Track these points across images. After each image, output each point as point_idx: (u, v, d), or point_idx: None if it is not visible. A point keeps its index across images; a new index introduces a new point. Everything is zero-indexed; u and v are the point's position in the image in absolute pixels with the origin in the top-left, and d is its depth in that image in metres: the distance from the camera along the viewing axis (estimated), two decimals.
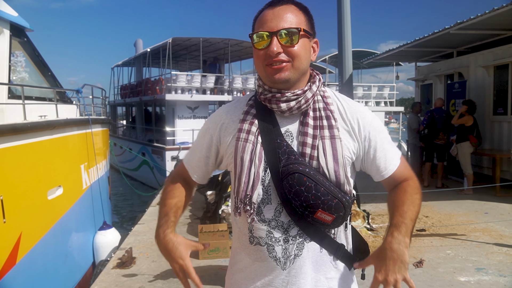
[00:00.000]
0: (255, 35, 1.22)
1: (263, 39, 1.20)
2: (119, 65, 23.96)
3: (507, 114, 8.28)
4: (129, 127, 22.92)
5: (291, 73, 1.21)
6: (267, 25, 1.20)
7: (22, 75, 6.23)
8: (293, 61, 1.20)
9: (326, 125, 1.25)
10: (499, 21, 7.51)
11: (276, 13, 1.20)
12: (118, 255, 4.81)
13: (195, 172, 1.42)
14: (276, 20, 1.19)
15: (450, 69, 10.26)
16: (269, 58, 1.19)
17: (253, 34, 1.22)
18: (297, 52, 1.20)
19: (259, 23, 1.23)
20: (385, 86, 22.10)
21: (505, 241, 5.08)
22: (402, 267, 1.13)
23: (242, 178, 1.23)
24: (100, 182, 7.27)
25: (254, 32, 1.23)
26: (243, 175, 1.23)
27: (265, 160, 1.23)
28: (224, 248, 4.75)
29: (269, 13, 1.21)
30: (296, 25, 1.20)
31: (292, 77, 1.22)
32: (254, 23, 1.27)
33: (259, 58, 1.23)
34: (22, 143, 4.57)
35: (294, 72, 1.22)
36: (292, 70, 1.21)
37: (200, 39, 16.82)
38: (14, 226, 4.37)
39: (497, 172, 7.64)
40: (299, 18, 1.22)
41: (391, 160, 1.32)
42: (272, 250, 1.23)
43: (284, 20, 1.19)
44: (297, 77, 1.24)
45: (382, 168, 1.31)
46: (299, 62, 1.21)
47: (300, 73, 1.24)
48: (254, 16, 1.28)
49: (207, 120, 1.41)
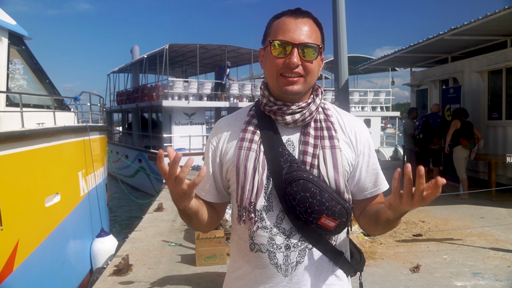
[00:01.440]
0: (276, 42, 1.22)
1: (283, 48, 1.21)
2: (115, 72, 23.97)
3: (502, 119, 8.35)
4: (125, 134, 22.90)
5: (302, 87, 1.23)
6: (289, 35, 1.20)
7: (20, 83, 6.26)
8: (307, 76, 1.23)
9: (327, 136, 1.27)
10: (492, 27, 7.58)
11: (299, 25, 1.21)
12: (115, 262, 4.79)
13: (206, 193, 1.39)
14: (298, 32, 1.20)
15: (445, 74, 10.34)
16: (286, 68, 1.21)
17: (273, 41, 1.22)
18: (312, 68, 1.23)
19: (279, 30, 1.22)
20: (381, 91, 22.22)
21: (501, 245, 5.10)
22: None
23: (246, 186, 1.23)
24: (98, 189, 7.27)
25: (274, 38, 1.23)
26: (247, 183, 1.23)
27: (268, 168, 1.24)
28: (221, 254, 4.74)
29: (291, 22, 1.22)
30: (315, 41, 1.22)
31: (303, 91, 1.25)
32: (271, 27, 1.26)
33: (274, 65, 1.23)
34: (20, 150, 4.59)
35: (305, 87, 1.24)
36: (304, 85, 1.23)
37: (197, 45, 16.87)
38: (12, 233, 4.37)
39: (492, 176, 7.68)
40: (317, 34, 1.25)
41: (382, 180, 1.35)
42: (273, 257, 1.24)
43: (305, 34, 1.21)
44: (306, 91, 1.27)
45: (370, 185, 1.33)
46: (312, 78, 1.25)
47: (309, 88, 1.28)
48: (271, 20, 1.28)
49: (208, 137, 1.41)
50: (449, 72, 10.15)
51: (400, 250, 5.02)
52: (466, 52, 9.84)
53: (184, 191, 1.09)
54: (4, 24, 5.61)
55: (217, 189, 1.39)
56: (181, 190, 1.09)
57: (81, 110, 7.50)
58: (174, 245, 5.55)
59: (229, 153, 1.32)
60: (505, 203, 7.26)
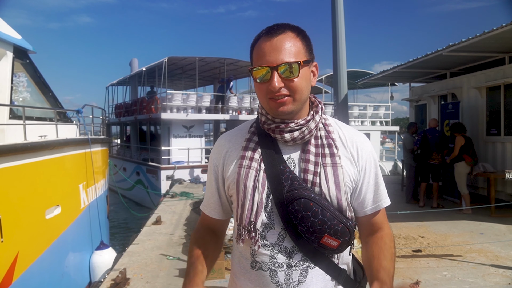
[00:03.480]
0: (254, 69, 1.20)
1: (263, 73, 1.19)
2: (113, 84, 24.06)
3: (500, 135, 8.37)
4: (123, 146, 22.88)
5: (293, 106, 1.21)
6: (265, 59, 1.18)
7: (23, 95, 6.36)
8: (294, 94, 1.20)
9: (328, 153, 1.25)
10: (490, 44, 7.65)
11: (274, 45, 1.18)
12: (112, 276, 4.74)
13: (212, 209, 1.40)
14: (275, 53, 1.17)
15: (443, 90, 10.40)
16: (271, 92, 1.19)
17: (253, 69, 1.21)
18: (297, 85, 1.19)
19: (257, 55, 1.21)
20: (380, 106, 22.31)
21: (501, 262, 5.06)
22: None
23: (246, 204, 1.22)
24: (98, 202, 7.30)
25: (253, 66, 1.22)
26: (247, 201, 1.22)
27: (268, 186, 1.23)
28: (219, 269, 4.69)
29: (266, 45, 1.19)
30: (295, 56, 1.18)
31: (295, 109, 1.23)
32: (252, 52, 1.25)
33: (261, 91, 1.22)
34: (22, 163, 4.65)
35: (296, 105, 1.22)
36: (294, 103, 1.21)
37: (196, 58, 16.98)
38: (12, 245, 4.39)
39: (492, 192, 7.67)
40: (297, 46, 1.20)
41: (383, 196, 1.33)
42: (274, 276, 1.22)
43: (282, 52, 1.17)
44: (299, 108, 1.24)
45: (371, 202, 1.32)
46: (300, 95, 1.21)
47: (302, 103, 1.25)
48: (252, 43, 1.26)
49: (211, 154, 1.41)
50: (447, 88, 10.21)
51: (399, 266, 4.97)
52: (464, 68, 9.92)
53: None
54: (9, 39, 5.71)
55: (222, 205, 1.38)
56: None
57: (83, 123, 7.56)
58: (172, 259, 5.50)
59: (230, 171, 1.31)
60: (505, 219, 7.23)
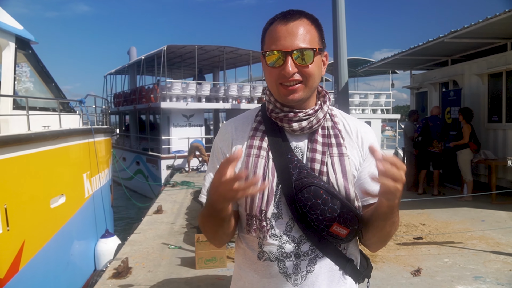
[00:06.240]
0: (268, 53, 1.19)
1: (277, 57, 1.17)
2: (112, 73, 23.91)
3: (502, 122, 8.34)
4: (122, 136, 22.85)
5: (304, 93, 1.20)
6: (280, 43, 1.16)
7: (26, 85, 6.40)
8: (307, 81, 1.19)
9: (335, 143, 1.24)
10: (492, 30, 7.58)
11: (290, 30, 1.17)
12: (114, 265, 4.76)
13: None
14: (290, 38, 1.16)
15: (445, 77, 10.34)
16: (283, 77, 1.17)
17: (266, 52, 1.19)
18: (311, 72, 1.18)
19: (271, 39, 1.19)
20: (381, 94, 22.25)
21: (502, 249, 5.08)
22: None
23: (256, 193, 1.19)
24: (102, 191, 7.39)
25: (266, 49, 1.20)
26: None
27: (277, 175, 1.21)
28: (221, 257, 4.71)
29: (282, 29, 1.17)
30: (310, 43, 1.17)
31: (305, 96, 1.21)
32: (265, 35, 1.23)
33: (272, 76, 1.20)
34: (26, 153, 4.71)
35: (307, 92, 1.21)
36: (305, 90, 1.20)
37: (195, 46, 16.85)
38: (18, 234, 4.47)
39: (493, 179, 7.67)
40: (312, 34, 1.20)
41: None
42: (283, 266, 1.21)
43: (298, 38, 1.16)
44: (309, 95, 1.23)
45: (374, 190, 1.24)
46: (313, 81, 1.20)
47: (312, 91, 1.24)
48: (264, 27, 1.24)
49: (215, 140, 1.36)
50: (449, 75, 10.15)
51: (401, 253, 4.99)
52: (466, 55, 9.84)
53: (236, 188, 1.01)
54: (11, 29, 5.72)
55: None
56: (231, 188, 1.01)
57: (86, 113, 7.58)
58: (174, 248, 5.52)
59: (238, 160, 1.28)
60: (506, 206, 7.24)
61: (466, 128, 7.81)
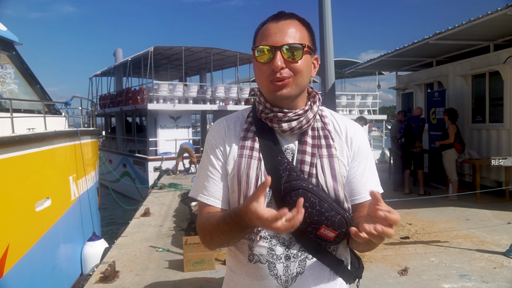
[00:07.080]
0: (257, 48, 1.20)
1: (266, 53, 1.18)
2: (97, 75, 23.66)
3: (485, 122, 8.48)
4: (108, 138, 22.64)
5: (292, 89, 1.20)
6: (271, 39, 1.18)
7: (11, 87, 6.31)
8: (295, 77, 1.19)
9: (324, 144, 1.25)
10: (475, 32, 7.71)
11: (280, 27, 1.19)
12: (101, 269, 4.70)
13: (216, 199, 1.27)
14: (280, 35, 1.18)
15: (430, 78, 10.48)
16: (273, 74, 1.17)
17: (256, 48, 1.20)
18: (300, 68, 1.19)
19: (262, 36, 1.21)
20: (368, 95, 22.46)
21: (487, 247, 5.16)
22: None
23: (249, 195, 1.19)
24: (89, 193, 7.32)
25: (257, 45, 1.21)
26: (250, 191, 1.19)
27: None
28: (209, 259, 4.69)
29: (273, 27, 1.20)
30: (300, 40, 1.19)
31: (293, 93, 1.21)
32: (256, 35, 1.25)
33: (262, 72, 1.20)
34: (11, 155, 4.64)
35: (295, 89, 1.20)
36: (293, 86, 1.20)
37: (182, 48, 16.79)
38: (2, 238, 4.41)
39: (477, 179, 7.78)
40: (303, 33, 1.22)
41: (375, 185, 1.30)
42: (273, 268, 1.21)
43: (288, 35, 1.18)
44: (297, 93, 1.23)
45: (362, 190, 1.27)
46: (301, 79, 1.20)
47: (301, 90, 1.24)
48: (256, 29, 1.26)
49: (208, 138, 1.34)
50: (434, 76, 10.29)
51: (388, 253, 5.04)
52: (450, 56, 10.00)
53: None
54: None
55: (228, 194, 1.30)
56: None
57: (72, 115, 7.50)
58: (162, 251, 5.49)
59: (229, 160, 1.27)
60: (490, 205, 7.36)
61: (451, 128, 7.92)
